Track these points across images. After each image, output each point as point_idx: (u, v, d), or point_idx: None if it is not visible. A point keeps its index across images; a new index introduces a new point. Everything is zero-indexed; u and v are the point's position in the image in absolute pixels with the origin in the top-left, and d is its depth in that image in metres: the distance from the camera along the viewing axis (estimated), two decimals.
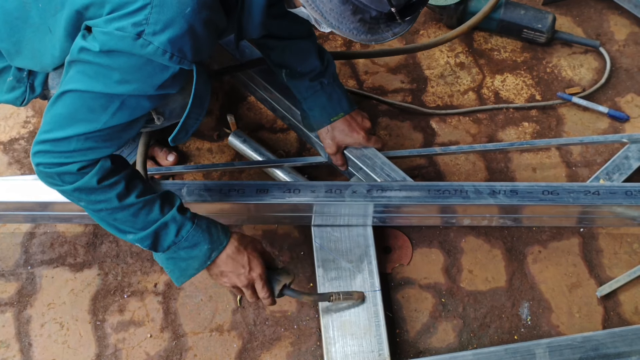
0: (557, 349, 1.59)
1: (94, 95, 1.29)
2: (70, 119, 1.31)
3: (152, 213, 1.41)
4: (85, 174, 1.34)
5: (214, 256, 1.46)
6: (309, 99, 1.79)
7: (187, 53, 1.25)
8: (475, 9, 2.25)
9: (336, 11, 1.24)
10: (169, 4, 1.20)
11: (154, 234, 1.42)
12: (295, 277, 1.54)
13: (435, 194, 1.72)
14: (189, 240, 1.43)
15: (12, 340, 1.72)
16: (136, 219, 1.40)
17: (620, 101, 2.18)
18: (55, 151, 1.33)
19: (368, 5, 1.23)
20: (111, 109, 1.31)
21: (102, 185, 1.35)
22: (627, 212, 1.77)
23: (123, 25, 1.21)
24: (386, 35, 1.31)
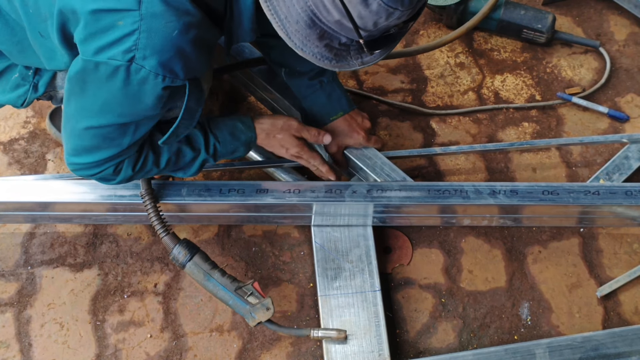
0: (557, 349, 1.59)
1: (111, 128, 1.38)
2: (94, 148, 1.43)
3: (186, 157, 1.58)
4: (120, 170, 1.50)
5: (253, 146, 1.70)
6: (309, 97, 1.79)
7: (178, 73, 1.28)
8: (475, 9, 2.25)
9: (302, 33, 1.24)
10: (155, 28, 1.22)
11: (199, 168, 1.63)
12: (273, 313, 1.55)
13: (435, 194, 1.72)
14: (226, 153, 1.64)
15: (12, 340, 1.72)
16: (179, 165, 1.59)
17: (620, 101, 2.18)
18: (87, 168, 1.48)
19: (337, 32, 1.23)
20: (129, 132, 1.41)
21: (138, 169, 1.52)
22: (627, 212, 1.77)
23: (114, 53, 1.23)
24: (353, 63, 1.32)
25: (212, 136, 1.60)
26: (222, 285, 1.55)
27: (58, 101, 1.65)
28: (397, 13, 1.19)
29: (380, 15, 1.18)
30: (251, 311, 1.54)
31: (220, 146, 1.61)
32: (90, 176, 1.51)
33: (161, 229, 1.59)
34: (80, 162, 1.47)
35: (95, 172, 1.49)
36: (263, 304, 1.55)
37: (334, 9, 1.18)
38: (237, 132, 1.64)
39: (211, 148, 1.60)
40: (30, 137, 2.05)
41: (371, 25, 1.20)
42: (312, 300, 1.78)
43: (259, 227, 1.89)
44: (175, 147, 1.56)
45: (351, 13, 1.17)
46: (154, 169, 1.55)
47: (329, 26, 1.22)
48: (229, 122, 1.64)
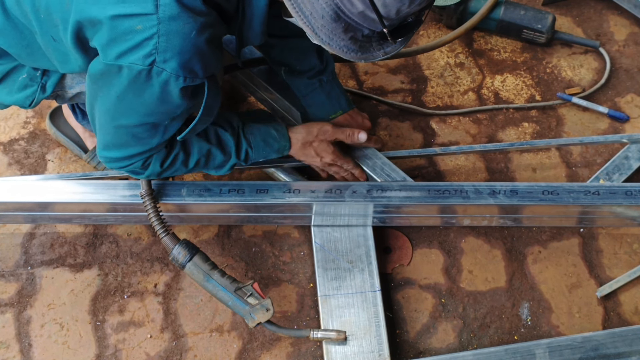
0: (557, 349, 1.59)
1: (141, 128, 1.42)
2: (123, 145, 1.47)
3: (216, 159, 1.62)
4: (149, 165, 1.53)
5: (286, 153, 1.71)
6: (308, 96, 1.80)
7: (198, 72, 1.31)
8: (475, 9, 2.25)
9: (328, 28, 1.25)
10: (174, 31, 1.23)
11: (230, 169, 1.66)
12: (273, 314, 1.55)
13: (435, 194, 1.72)
14: (257, 159, 1.67)
15: (12, 340, 1.72)
16: (208, 167, 1.63)
17: (620, 101, 2.18)
18: (117, 161, 1.52)
19: (360, 24, 1.24)
20: (159, 132, 1.44)
21: (166, 166, 1.55)
22: (627, 212, 1.77)
23: (135, 58, 1.25)
24: (377, 54, 1.33)
25: (245, 141, 1.63)
26: (221, 286, 1.55)
27: (65, 100, 1.65)
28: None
29: (403, 2, 1.19)
30: (251, 312, 1.54)
31: (252, 152, 1.64)
32: (120, 168, 1.54)
33: (161, 229, 1.59)
34: (109, 156, 1.51)
35: (124, 165, 1.53)
36: (263, 305, 1.55)
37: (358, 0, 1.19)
38: (270, 140, 1.66)
39: (242, 153, 1.64)
40: (30, 138, 2.05)
41: (394, 12, 1.21)
42: (312, 301, 1.78)
43: (259, 227, 1.89)
44: (205, 149, 1.59)
45: (375, 2, 1.18)
46: (182, 168, 1.59)
47: (352, 18, 1.23)
48: (263, 129, 1.66)
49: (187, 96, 1.36)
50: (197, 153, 1.58)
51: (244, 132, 1.64)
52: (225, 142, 1.62)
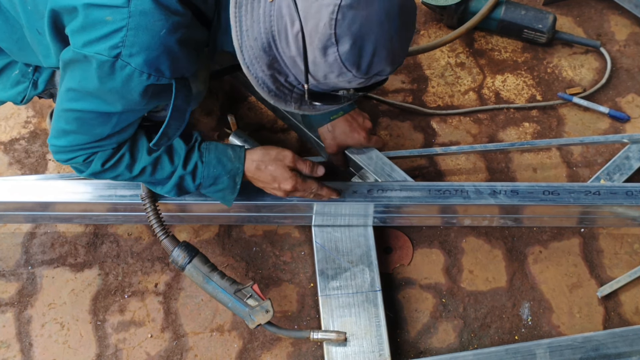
0: (557, 349, 1.59)
1: (92, 115, 1.37)
2: (73, 132, 1.42)
3: (164, 170, 1.51)
4: (90, 162, 1.48)
5: (239, 181, 1.55)
6: None
7: (164, 71, 1.28)
8: (475, 9, 2.24)
9: (254, 52, 1.23)
10: (144, 26, 1.22)
11: (176, 187, 1.54)
12: (273, 315, 1.55)
13: (435, 194, 1.72)
14: (208, 179, 1.53)
15: (12, 340, 1.72)
16: (154, 177, 1.52)
17: (621, 101, 2.17)
18: (62, 152, 1.47)
19: (289, 68, 1.22)
20: (110, 123, 1.40)
21: (107, 166, 1.48)
22: (627, 213, 1.77)
23: (100, 48, 1.24)
24: (290, 105, 1.30)
25: (197, 153, 1.53)
26: (221, 287, 1.55)
27: None
28: (349, 75, 1.17)
29: (332, 70, 1.17)
30: (250, 314, 1.54)
31: (202, 167, 1.52)
32: (65, 161, 1.49)
33: (161, 231, 1.59)
34: (55, 144, 1.47)
35: (68, 158, 1.47)
36: (262, 307, 1.55)
37: (294, 43, 1.17)
38: (224, 159, 1.53)
39: (191, 165, 1.51)
40: (31, 137, 2.05)
41: (321, 76, 1.19)
42: (313, 300, 1.78)
43: (260, 227, 1.89)
44: (154, 156, 1.50)
45: (307, 55, 1.16)
46: (125, 172, 1.50)
47: (282, 58, 1.21)
48: (221, 147, 1.55)
49: (148, 95, 1.33)
50: (145, 160, 1.50)
51: (199, 145, 1.54)
52: (175, 150, 1.52)
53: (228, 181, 1.53)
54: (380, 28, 1.15)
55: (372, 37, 1.15)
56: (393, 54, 1.21)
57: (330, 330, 1.63)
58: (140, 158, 1.49)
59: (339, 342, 1.61)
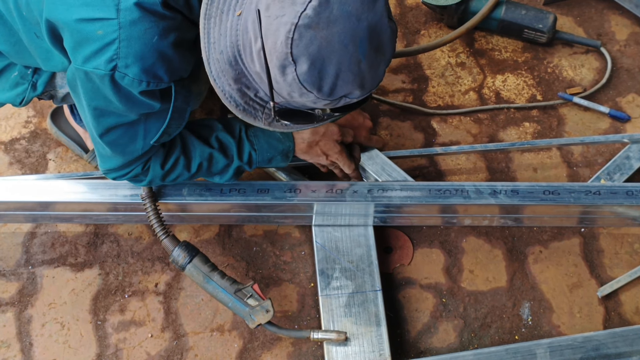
0: (557, 349, 1.59)
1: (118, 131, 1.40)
2: (113, 156, 1.47)
3: (219, 164, 1.58)
4: (149, 169, 1.52)
5: (291, 156, 1.66)
6: None
7: (162, 77, 1.28)
8: (476, 8, 2.24)
9: (220, 65, 1.22)
10: (135, 36, 1.21)
11: (234, 176, 1.62)
12: (273, 315, 1.56)
13: (436, 194, 1.71)
14: (263, 162, 1.63)
15: (13, 340, 1.72)
16: (212, 171, 1.60)
17: (622, 101, 2.17)
18: (115, 172, 1.52)
19: (258, 83, 1.21)
20: (139, 134, 1.42)
21: (167, 168, 1.53)
22: (628, 212, 1.77)
23: (97, 63, 1.24)
24: (259, 121, 1.29)
25: (248, 143, 1.60)
26: (221, 287, 1.55)
27: (59, 101, 1.65)
28: (311, 96, 1.15)
29: (293, 89, 1.14)
30: (251, 313, 1.54)
31: (255, 154, 1.61)
32: (123, 178, 1.53)
33: (161, 231, 1.59)
34: (105, 168, 1.51)
35: (124, 173, 1.51)
36: (263, 307, 1.55)
37: (257, 60, 1.15)
38: (274, 142, 1.62)
39: (245, 155, 1.60)
40: (31, 137, 2.05)
41: (286, 94, 1.17)
42: (313, 300, 1.78)
43: (260, 227, 1.89)
44: (207, 152, 1.56)
45: (270, 73, 1.14)
46: (184, 172, 1.56)
47: (249, 73, 1.20)
48: (267, 131, 1.60)
49: (156, 97, 1.33)
50: (199, 157, 1.56)
51: (247, 135, 1.61)
52: (227, 145, 1.59)
53: (281, 158, 1.65)
54: (343, 50, 1.12)
55: (334, 59, 1.12)
56: (361, 78, 1.17)
57: (330, 330, 1.63)
58: (194, 156, 1.55)
59: (339, 342, 1.61)
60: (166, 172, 1.54)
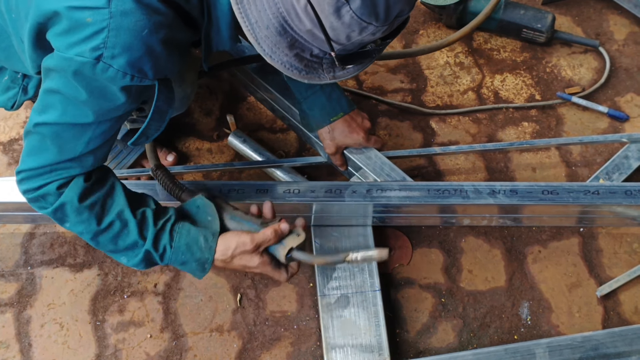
0: (557, 349, 1.59)
1: (66, 126, 1.31)
2: (44, 150, 1.33)
3: (130, 236, 1.38)
4: (62, 193, 1.35)
5: (208, 267, 1.44)
6: (309, 98, 1.79)
7: (147, 72, 1.26)
8: (474, 9, 2.25)
9: (271, 40, 1.21)
10: (125, 27, 1.20)
11: (144, 261, 1.41)
12: (304, 239, 1.45)
13: (434, 194, 1.72)
14: (176, 262, 1.42)
15: (12, 340, 1.72)
16: (117, 244, 1.39)
17: (620, 101, 2.18)
18: (32, 177, 1.35)
19: (309, 42, 1.20)
20: (86, 136, 1.32)
21: (86, 204, 1.35)
22: (626, 212, 1.77)
23: (82, 50, 1.21)
24: (324, 77, 1.28)
25: (168, 237, 1.41)
26: (247, 221, 1.48)
27: None
28: (371, 28, 1.15)
29: (352, 29, 1.14)
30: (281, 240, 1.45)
31: (170, 252, 1.41)
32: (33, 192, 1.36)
33: (177, 190, 1.56)
34: (23, 169, 1.35)
35: (38, 185, 1.35)
36: (293, 231, 1.46)
37: (306, 17, 1.15)
38: (194, 247, 1.42)
39: (160, 246, 1.41)
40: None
41: (344, 38, 1.17)
42: (312, 300, 1.78)
43: None
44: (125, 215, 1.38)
45: (323, 24, 1.14)
46: (93, 223, 1.37)
47: (300, 35, 1.19)
48: (193, 232, 1.43)
49: (132, 96, 1.29)
50: (116, 215, 1.38)
51: (172, 228, 1.42)
52: (147, 227, 1.41)
53: (196, 266, 1.43)
54: None
55: None
56: None
57: (370, 249, 1.53)
58: (110, 210, 1.38)
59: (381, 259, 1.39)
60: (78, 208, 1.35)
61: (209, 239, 1.43)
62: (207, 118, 2.11)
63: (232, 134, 2.00)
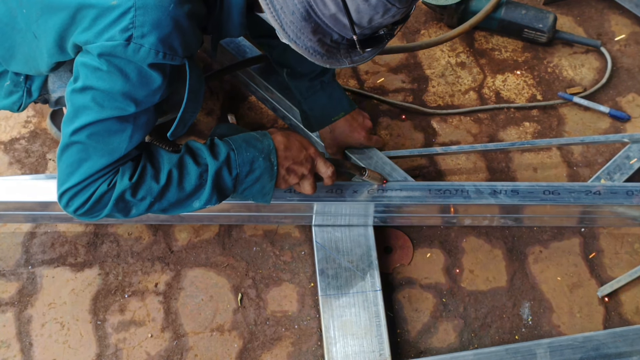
0: (558, 349, 1.59)
1: (106, 124, 1.29)
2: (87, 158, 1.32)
3: (190, 173, 1.39)
4: (115, 183, 1.34)
5: (274, 160, 1.47)
6: (310, 98, 1.79)
7: (177, 49, 1.26)
8: (476, 8, 2.24)
9: (296, 25, 1.23)
10: (151, 4, 1.20)
11: (215, 187, 1.41)
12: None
13: (436, 194, 1.71)
14: (244, 165, 1.43)
15: (12, 340, 1.72)
16: (184, 189, 1.40)
17: (622, 101, 2.17)
18: (80, 191, 1.34)
19: (331, 27, 1.23)
20: (128, 128, 1.31)
21: (135, 180, 1.35)
22: (628, 212, 1.77)
23: (111, 34, 1.21)
24: (343, 62, 1.31)
25: (223, 144, 1.43)
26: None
27: (53, 104, 1.65)
28: (393, 10, 1.19)
29: (377, 11, 1.18)
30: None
31: (234, 154, 1.42)
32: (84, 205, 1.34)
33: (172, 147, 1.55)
34: (68, 187, 1.33)
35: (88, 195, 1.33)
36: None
37: (331, 1, 1.18)
38: (252, 140, 1.46)
39: (222, 155, 1.41)
40: (31, 137, 2.05)
41: (366, 21, 1.20)
42: (313, 300, 1.78)
43: (260, 227, 1.89)
44: (175, 158, 1.40)
45: (348, 6, 1.17)
46: (153, 185, 1.36)
47: (323, 20, 1.22)
48: (241, 134, 1.50)
49: (166, 76, 1.28)
50: (167, 163, 1.39)
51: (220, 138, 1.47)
52: (196, 150, 1.42)
53: (264, 162, 1.45)
54: None
55: None
56: None
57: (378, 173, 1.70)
58: (162, 164, 1.39)
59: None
60: (134, 184, 1.34)
61: (258, 132, 1.50)
62: (208, 118, 2.11)
63: None
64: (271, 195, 1.51)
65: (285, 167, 1.50)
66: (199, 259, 1.83)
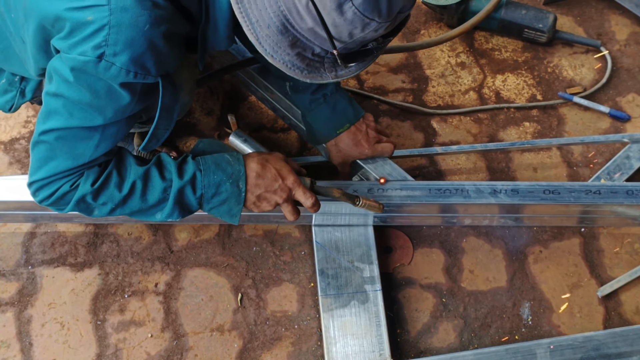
0: (558, 349, 1.59)
1: (73, 131, 1.31)
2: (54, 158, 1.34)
3: (155, 187, 1.39)
4: (78, 185, 1.37)
5: (243, 187, 1.44)
6: (313, 112, 1.75)
7: (150, 69, 1.25)
8: (476, 8, 2.24)
9: (273, 39, 1.20)
10: (126, 23, 1.19)
11: (177, 204, 1.41)
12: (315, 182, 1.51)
13: (436, 193, 1.71)
14: (210, 187, 1.42)
15: (12, 340, 1.72)
16: (146, 200, 1.40)
17: (622, 101, 2.17)
18: (45, 185, 1.37)
19: (312, 41, 1.19)
20: (95, 137, 1.32)
21: (97, 186, 1.37)
22: (628, 212, 1.77)
23: (84, 49, 1.20)
24: (326, 76, 1.27)
25: (192, 163, 1.43)
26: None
27: None
28: (373, 24, 1.15)
29: (355, 25, 1.14)
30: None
31: (201, 175, 1.41)
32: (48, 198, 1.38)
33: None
34: (35, 179, 1.36)
35: (51, 191, 1.37)
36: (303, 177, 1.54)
37: (307, 15, 1.14)
38: (222, 163, 1.44)
39: (188, 174, 1.41)
40: (31, 137, 2.05)
41: (346, 35, 1.16)
42: (313, 300, 1.78)
43: (260, 227, 1.89)
44: (142, 170, 1.40)
45: (325, 21, 1.13)
46: (115, 193, 1.38)
47: (301, 34, 1.19)
48: (215, 154, 1.48)
49: (137, 94, 1.28)
50: (133, 174, 1.39)
51: (192, 158, 1.46)
52: (164, 165, 1.42)
53: (231, 187, 1.43)
54: None
55: None
56: None
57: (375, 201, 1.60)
58: (128, 174, 1.39)
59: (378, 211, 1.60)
60: (96, 190, 1.37)
61: (233, 154, 1.46)
62: (208, 117, 2.11)
63: (233, 133, 2.00)
64: (239, 217, 1.48)
65: (255, 195, 1.47)
66: (199, 259, 1.83)
